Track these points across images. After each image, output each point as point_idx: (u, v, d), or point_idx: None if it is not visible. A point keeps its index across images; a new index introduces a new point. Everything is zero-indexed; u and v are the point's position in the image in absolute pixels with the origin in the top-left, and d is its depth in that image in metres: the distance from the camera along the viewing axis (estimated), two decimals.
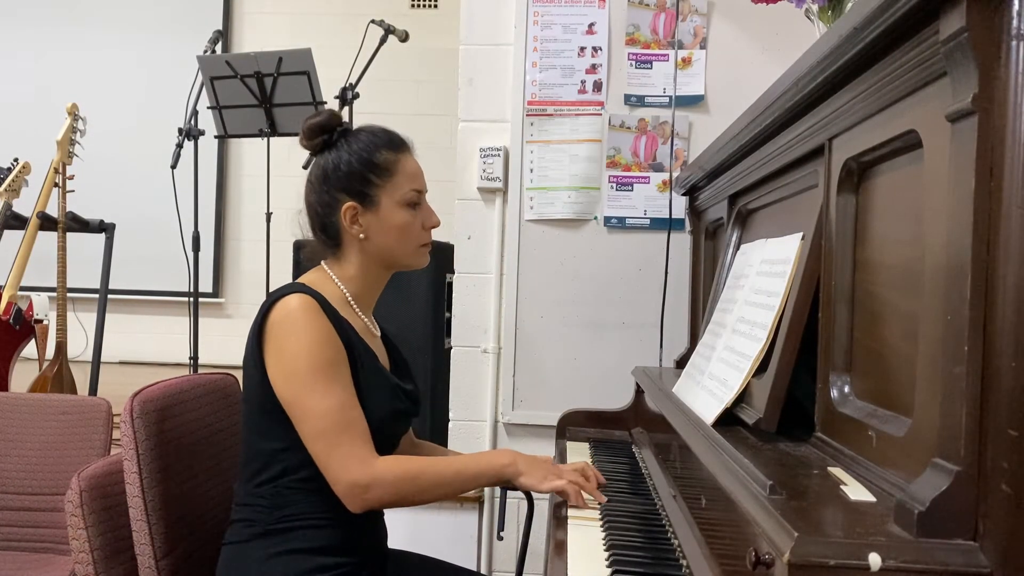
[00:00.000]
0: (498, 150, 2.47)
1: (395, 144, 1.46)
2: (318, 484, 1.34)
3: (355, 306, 1.46)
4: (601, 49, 2.44)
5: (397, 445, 1.53)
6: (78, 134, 3.47)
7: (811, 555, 0.71)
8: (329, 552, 1.35)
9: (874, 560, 0.70)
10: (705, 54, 2.41)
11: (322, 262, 1.48)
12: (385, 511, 1.49)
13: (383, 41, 3.57)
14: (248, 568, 1.34)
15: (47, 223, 3.40)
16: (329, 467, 1.31)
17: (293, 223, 1.51)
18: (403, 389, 1.49)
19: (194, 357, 3.86)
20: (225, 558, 1.38)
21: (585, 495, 1.40)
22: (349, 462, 1.31)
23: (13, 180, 3.40)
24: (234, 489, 1.45)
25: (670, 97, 2.41)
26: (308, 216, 1.48)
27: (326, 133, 1.45)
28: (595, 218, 2.46)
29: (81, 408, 2.17)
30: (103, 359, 3.53)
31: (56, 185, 3.39)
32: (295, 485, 1.35)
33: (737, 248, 1.62)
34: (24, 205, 3.43)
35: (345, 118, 3.61)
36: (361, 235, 1.43)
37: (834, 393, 1.06)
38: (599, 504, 1.41)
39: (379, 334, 1.54)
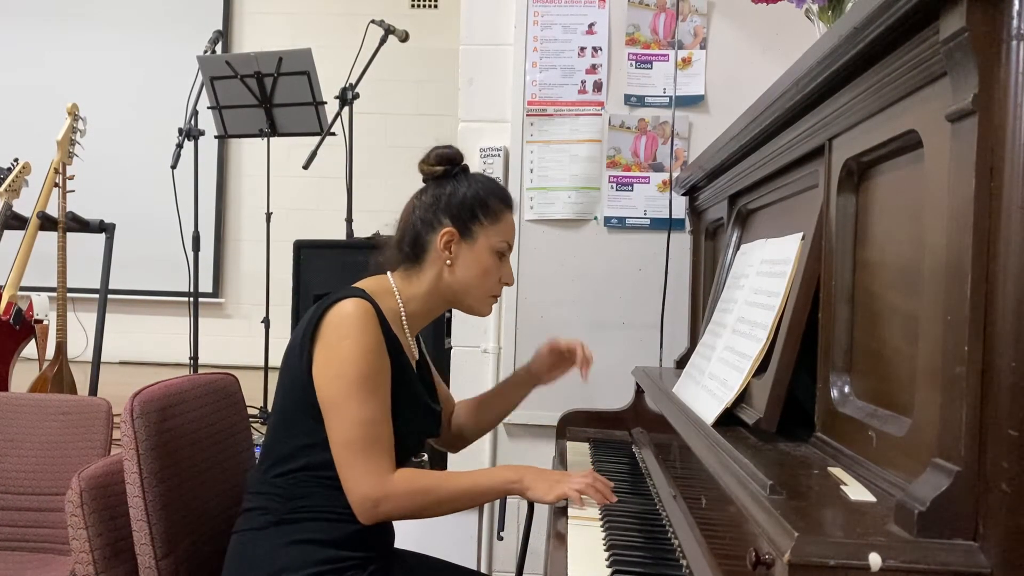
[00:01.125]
0: (498, 150, 2.47)
1: (507, 200, 1.55)
2: (337, 481, 1.36)
3: (406, 326, 1.50)
4: (601, 49, 2.44)
5: (411, 458, 1.56)
6: (78, 134, 3.47)
7: (811, 555, 0.71)
8: (340, 545, 1.36)
9: (874, 560, 0.70)
10: (705, 54, 2.41)
11: (388, 272, 1.52)
12: None
13: (383, 41, 3.57)
14: (260, 556, 1.36)
15: (47, 223, 3.40)
16: (346, 476, 1.34)
17: (293, 223, 1.52)
18: (434, 411, 1.55)
19: (194, 357, 3.86)
20: (236, 546, 1.39)
21: (585, 498, 1.39)
22: (366, 477, 1.33)
23: (13, 180, 3.40)
24: (247, 477, 1.47)
25: (670, 97, 2.41)
26: (401, 228, 1.53)
27: (451, 164, 1.53)
28: (595, 218, 2.46)
29: (81, 408, 2.17)
30: (103, 359, 3.53)
31: (56, 185, 3.39)
32: (312, 478, 1.37)
33: (737, 248, 1.62)
34: (24, 205, 3.43)
35: (344, 118, 3.62)
36: (448, 261, 1.49)
37: (834, 393, 1.06)
38: (599, 504, 1.40)
39: (418, 358, 1.57)
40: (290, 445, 1.39)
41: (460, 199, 1.50)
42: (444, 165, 1.53)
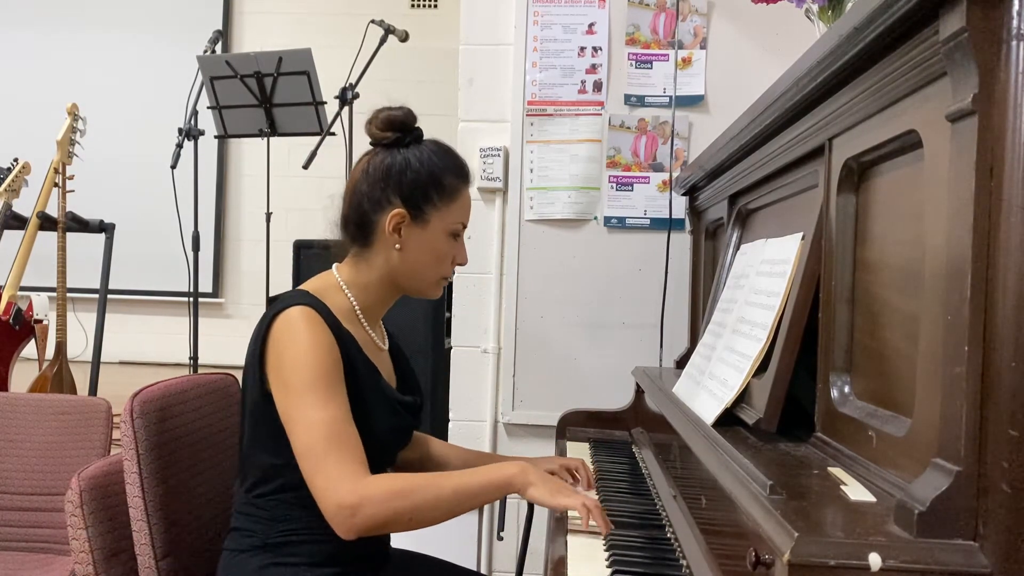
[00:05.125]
0: (498, 150, 2.47)
1: (464, 174, 1.43)
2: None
3: (362, 318, 1.41)
4: (601, 49, 2.44)
5: (395, 460, 1.51)
6: (78, 134, 3.47)
7: (811, 555, 0.71)
8: (327, 563, 1.32)
9: (874, 560, 0.70)
10: (705, 54, 2.41)
11: (334, 266, 1.43)
12: None
13: (383, 41, 3.56)
14: None
15: (47, 223, 3.40)
16: (316, 486, 1.24)
17: (293, 223, 1.47)
18: (403, 403, 1.44)
19: (194, 357, 3.86)
20: (224, 565, 1.38)
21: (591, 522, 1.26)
22: (336, 482, 1.22)
23: (13, 180, 3.41)
24: (233, 490, 1.44)
25: (670, 97, 2.41)
26: (348, 205, 1.40)
27: (401, 132, 1.40)
28: (595, 218, 2.45)
29: (81, 408, 2.17)
30: (103, 359, 3.54)
31: (56, 185, 3.39)
32: (293, 500, 1.32)
33: (737, 248, 1.62)
34: (24, 205, 3.43)
35: (344, 118, 3.61)
36: (397, 245, 1.37)
37: (834, 393, 1.06)
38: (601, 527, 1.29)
39: (386, 347, 1.48)
40: (263, 465, 1.33)
41: (413, 176, 1.36)
42: (395, 132, 1.39)
